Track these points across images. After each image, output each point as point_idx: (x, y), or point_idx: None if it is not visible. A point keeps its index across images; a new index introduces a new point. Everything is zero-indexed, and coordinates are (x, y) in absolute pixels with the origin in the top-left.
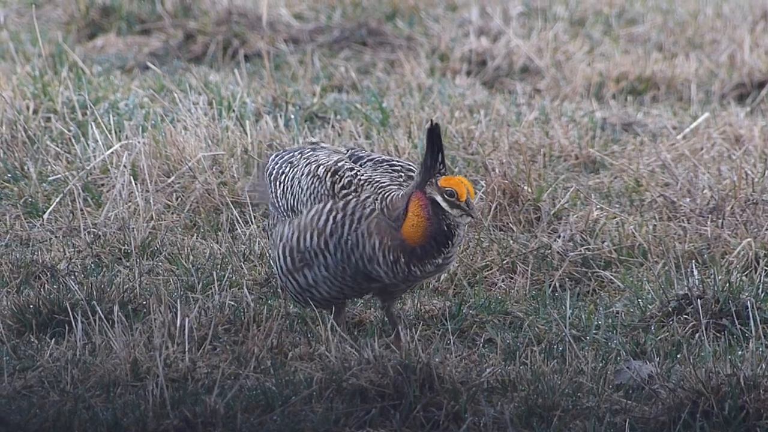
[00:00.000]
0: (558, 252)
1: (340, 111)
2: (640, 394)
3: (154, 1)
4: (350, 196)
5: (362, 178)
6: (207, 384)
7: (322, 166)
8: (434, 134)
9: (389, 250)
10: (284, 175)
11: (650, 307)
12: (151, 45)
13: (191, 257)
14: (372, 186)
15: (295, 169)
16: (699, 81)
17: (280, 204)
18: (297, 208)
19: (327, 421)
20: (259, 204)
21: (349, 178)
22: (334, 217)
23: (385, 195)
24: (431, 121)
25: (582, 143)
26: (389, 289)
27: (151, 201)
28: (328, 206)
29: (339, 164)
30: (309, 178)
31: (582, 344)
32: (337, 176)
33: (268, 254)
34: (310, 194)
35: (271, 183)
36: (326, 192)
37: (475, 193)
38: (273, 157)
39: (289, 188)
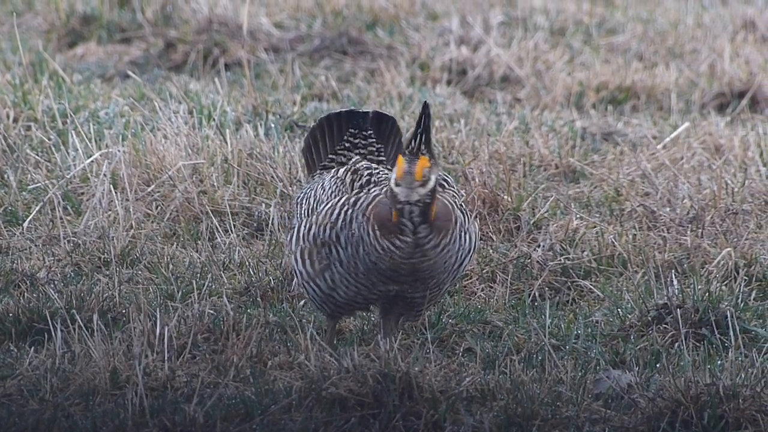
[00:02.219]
0: (537, 261)
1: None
2: (619, 404)
3: (135, 10)
4: (362, 193)
5: (381, 176)
6: (186, 393)
7: (344, 168)
8: (422, 114)
9: (372, 227)
10: (311, 190)
11: (630, 316)
12: (131, 54)
13: (171, 266)
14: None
15: (322, 180)
16: (679, 90)
17: (302, 211)
18: (315, 208)
19: (306, 430)
20: None
21: (367, 177)
22: (345, 212)
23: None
24: (425, 101)
25: (562, 153)
26: (407, 294)
27: (131, 210)
28: (342, 200)
29: (359, 164)
30: (332, 179)
31: (561, 353)
32: (356, 174)
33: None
34: (331, 193)
35: (297, 206)
36: (345, 189)
37: (422, 176)
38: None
39: (312, 194)
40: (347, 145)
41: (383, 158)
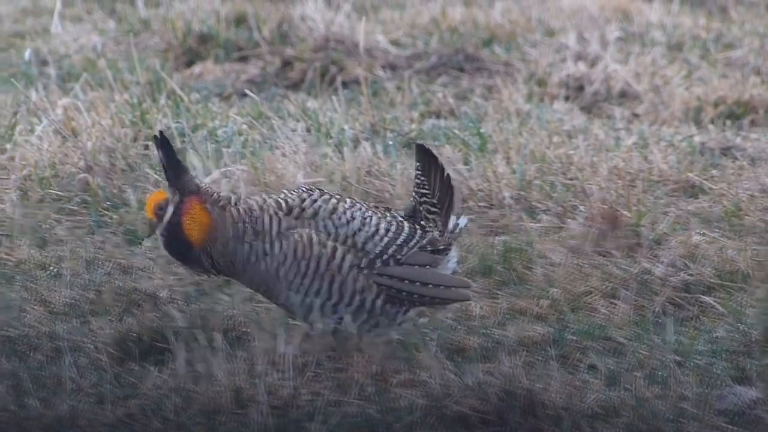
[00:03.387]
0: (659, 277)
1: (438, 137)
2: (743, 420)
3: (252, 29)
4: None
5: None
6: (310, 411)
7: None
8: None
9: None
10: None
11: (752, 332)
12: (248, 72)
13: None
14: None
15: None
16: None
17: None
18: None
19: None
20: None
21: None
22: None
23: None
24: (162, 132)
25: (681, 168)
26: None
27: None
28: None
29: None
30: None
31: (684, 369)
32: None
33: None
34: None
35: None
36: None
37: (155, 213)
38: None
39: None
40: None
41: (426, 191)
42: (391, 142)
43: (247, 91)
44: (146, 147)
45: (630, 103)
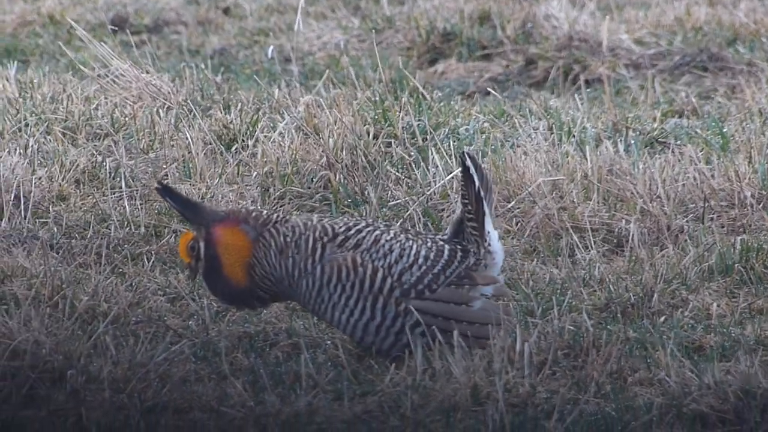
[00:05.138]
0: None
1: (680, 136)
2: None
3: (495, 27)
4: None
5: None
6: (546, 409)
7: None
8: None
9: None
10: None
11: None
12: (491, 70)
13: (531, 282)
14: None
15: None
16: None
17: None
18: None
19: None
20: None
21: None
22: None
23: None
24: (160, 182)
25: None
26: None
27: None
28: None
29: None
30: None
31: None
32: None
33: None
34: None
35: None
36: None
37: (190, 255)
38: None
39: None
40: None
41: (466, 200)
42: (633, 141)
43: (490, 89)
44: (388, 145)
45: None
